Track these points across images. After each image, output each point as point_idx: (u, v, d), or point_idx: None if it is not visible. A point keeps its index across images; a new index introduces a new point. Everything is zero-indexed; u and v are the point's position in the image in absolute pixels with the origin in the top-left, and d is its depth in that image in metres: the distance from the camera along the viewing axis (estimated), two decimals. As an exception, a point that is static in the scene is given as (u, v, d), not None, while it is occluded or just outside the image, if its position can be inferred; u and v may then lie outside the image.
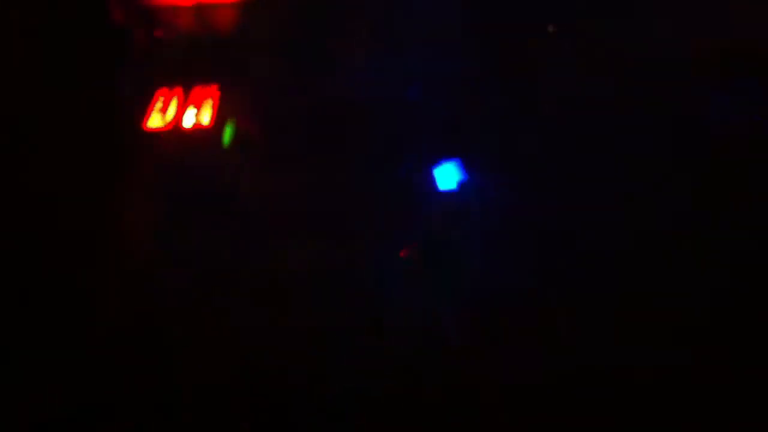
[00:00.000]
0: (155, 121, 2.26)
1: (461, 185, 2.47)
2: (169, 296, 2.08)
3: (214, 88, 2.42)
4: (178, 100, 2.39)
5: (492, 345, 2.16)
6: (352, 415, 1.99)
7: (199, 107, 2.32)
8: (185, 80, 2.49)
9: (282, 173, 2.37)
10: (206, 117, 2.28)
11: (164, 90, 2.44)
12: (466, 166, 2.50)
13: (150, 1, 2.65)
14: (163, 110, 2.31)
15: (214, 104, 2.34)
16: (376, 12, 2.77)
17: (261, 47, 2.69)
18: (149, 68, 2.67)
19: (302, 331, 2.10)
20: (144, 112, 2.34)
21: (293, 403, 2.01)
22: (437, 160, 2.52)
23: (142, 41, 2.68)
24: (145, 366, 2.00)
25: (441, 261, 2.26)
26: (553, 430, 2.01)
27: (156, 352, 2.02)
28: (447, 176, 2.50)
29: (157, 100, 2.38)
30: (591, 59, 2.87)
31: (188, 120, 2.26)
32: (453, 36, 2.79)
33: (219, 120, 2.31)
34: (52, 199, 2.26)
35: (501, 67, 2.84)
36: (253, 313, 2.10)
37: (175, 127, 2.23)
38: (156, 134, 2.22)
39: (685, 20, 2.86)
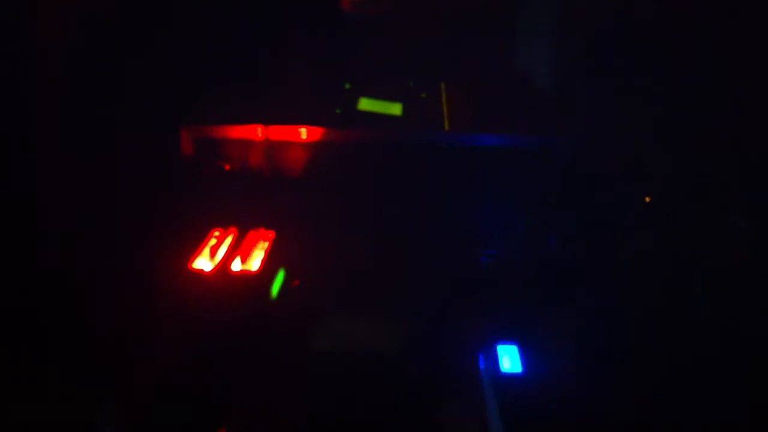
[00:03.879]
0: (202, 262, 2.11)
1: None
2: None
3: (269, 234, 2.29)
4: (231, 241, 2.25)
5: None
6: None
7: (250, 252, 2.17)
8: (242, 221, 2.37)
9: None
10: (256, 263, 2.12)
11: (219, 229, 2.32)
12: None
13: (220, 135, 2.60)
14: (213, 251, 2.17)
15: (266, 250, 2.19)
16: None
17: (326, 193, 2.60)
18: (210, 204, 2.60)
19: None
20: (194, 248, 2.20)
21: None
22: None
23: (207, 176, 2.61)
24: None
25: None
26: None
27: None
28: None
29: (209, 239, 2.25)
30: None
31: (236, 264, 2.10)
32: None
33: (269, 268, 2.14)
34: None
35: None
36: None
37: (221, 270, 2.08)
38: (199, 275, 2.06)
39: None
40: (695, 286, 3.97)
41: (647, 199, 4.12)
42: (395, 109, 2.89)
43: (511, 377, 2.21)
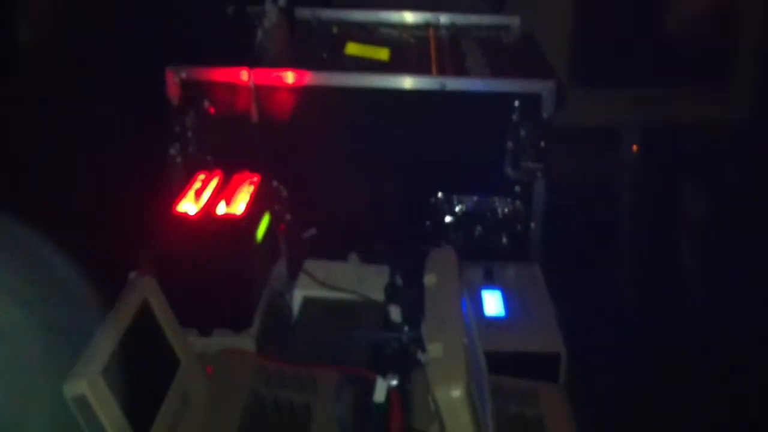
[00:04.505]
0: (187, 205, 2.11)
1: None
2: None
3: (255, 177, 2.28)
4: (216, 185, 2.25)
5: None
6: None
7: (235, 195, 2.17)
8: (227, 165, 2.36)
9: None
10: (241, 207, 2.12)
11: (204, 172, 2.31)
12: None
13: (206, 78, 2.58)
14: (198, 194, 2.17)
15: (252, 194, 2.18)
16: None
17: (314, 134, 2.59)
18: (195, 148, 2.59)
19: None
20: (179, 192, 2.20)
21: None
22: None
23: (193, 119, 2.59)
24: None
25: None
26: None
27: None
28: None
29: (194, 182, 2.24)
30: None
31: (221, 207, 2.10)
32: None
33: (255, 211, 2.14)
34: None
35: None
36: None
37: (206, 214, 2.07)
38: (184, 219, 2.06)
39: None
40: (680, 237, 4.00)
41: (635, 148, 4.14)
42: (383, 53, 2.87)
43: (495, 320, 2.24)
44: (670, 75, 4.06)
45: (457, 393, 1.39)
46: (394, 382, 1.91)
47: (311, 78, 2.57)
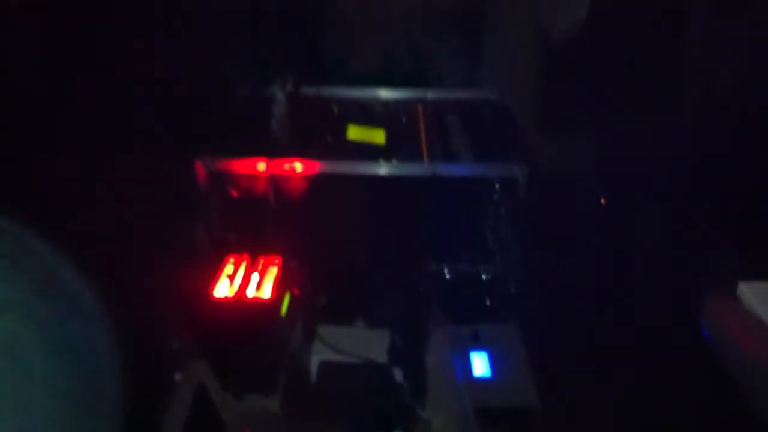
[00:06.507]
0: (222, 289, 2.50)
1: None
2: None
3: (277, 260, 2.67)
4: (246, 268, 2.64)
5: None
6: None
7: (262, 277, 2.56)
8: (252, 248, 2.75)
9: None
10: (267, 290, 2.51)
11: (234, 256, 2.70)
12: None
13: (229, 168, 2.96)
14: (231, 278, 2.56)
15: (276, 276, 2.58)
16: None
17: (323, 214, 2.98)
18: (222, 232, 2.97)
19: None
20: (212, 276, 2.58)
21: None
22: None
23: (218, 203, 2.98)
24: None
25: None
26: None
27: None
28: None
29: (225, 265, 2.63)
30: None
31: (251, 291, 2.50)
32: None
33: (279, 292, 2.54)
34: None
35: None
36: None
37: (239, 299, 2.47)
38: (221, 304, 2.45)
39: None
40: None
41: (602, 201, 4.50)
42: (379, 136, 3.27)
43: (482, 381, 2.64)
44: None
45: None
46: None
47: (319, 167, 2.97)
